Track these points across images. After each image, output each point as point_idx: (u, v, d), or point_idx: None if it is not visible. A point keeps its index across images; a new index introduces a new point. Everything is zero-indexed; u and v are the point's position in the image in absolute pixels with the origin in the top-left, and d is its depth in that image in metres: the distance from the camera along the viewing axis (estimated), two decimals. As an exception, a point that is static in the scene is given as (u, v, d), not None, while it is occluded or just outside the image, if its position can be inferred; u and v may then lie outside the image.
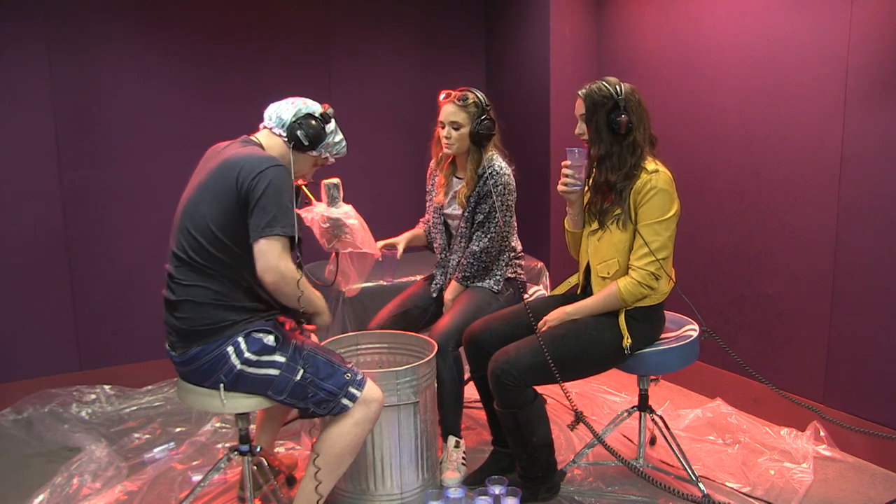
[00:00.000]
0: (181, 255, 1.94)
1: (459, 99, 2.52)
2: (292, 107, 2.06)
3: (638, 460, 2.50)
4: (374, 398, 1.99)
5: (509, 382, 2.16)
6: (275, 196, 1.87)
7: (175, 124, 3.35)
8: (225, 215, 1.90)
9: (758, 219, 2.94)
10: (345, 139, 2.14)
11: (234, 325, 1.94)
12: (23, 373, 3.17)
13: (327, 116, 2.07)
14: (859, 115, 2.53)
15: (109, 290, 3.31)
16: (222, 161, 1.95)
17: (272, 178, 1.88)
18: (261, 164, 1.89)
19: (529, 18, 3.73)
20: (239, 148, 2.01)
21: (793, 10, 2.72)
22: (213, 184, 1.93)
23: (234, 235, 1.91)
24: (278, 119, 2.05)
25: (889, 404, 2.52)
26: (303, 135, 2.01)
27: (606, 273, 2.24)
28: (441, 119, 2.56)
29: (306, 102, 2.08)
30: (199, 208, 1.93)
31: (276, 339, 1.97)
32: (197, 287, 1.93)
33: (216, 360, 1.92)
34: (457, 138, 2.54)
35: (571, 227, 2.39)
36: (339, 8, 3.70)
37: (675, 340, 2.35)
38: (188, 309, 1.93)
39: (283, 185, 1.90)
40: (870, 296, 2.56)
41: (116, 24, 3.21)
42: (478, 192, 2.57)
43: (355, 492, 2.26)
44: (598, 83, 2.19)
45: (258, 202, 1.86)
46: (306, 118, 2.03)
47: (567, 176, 2.21)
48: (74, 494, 2.42)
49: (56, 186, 3.17)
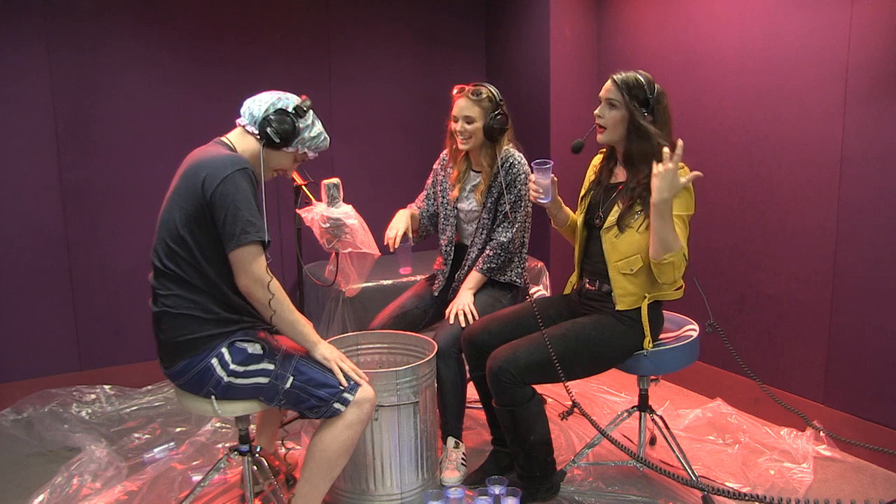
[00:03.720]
0: (157, 265, 1.92)
1: (473, 93, 2.52)
2: (264, 102, 1.98)
3: (638, 460, 2.50)
4: (367, 399, 1.98)
5: (507, 380, 2.16)
6: (243, 201, 1.82)
7: (175, 124, 3.35)
8: (192, 221, 1.86)
9: (758, 219, 2.94)
10: (325, 132, 2.07)
11: (214, 338, 1.91)
12: (23, 373, 3.17)
13: (301, 110, 1.98)
14: (859, 115, 2.53)
15: (109, 290, 3.31)
16: (189, 165, 1.92)
17: (238, 182, 1.83)
18: (225, 169, 1.83)
19: (529, 18, 3.73)
20: (206, 149, 1.96)
21: (793, 9, 2.72)
22: (182, 189, 1.89)
23: (203, 241, 1.88)
24: (250, 116, 1.98)
25: (889, 404, 2.52)
26: (273, 132, 1.94)
27: (629, 270, 2.22)
28: (454, 113, 2.56)
29: (280, 96, 2.00)
30: (172, 215, 1.90)
31: (263, 348, 1.95)
32: (173, 296, 1.90)
33: (203, 374, 1.91)
34: (470, 132, 2.54)
35: (555, 225, 2.47)
36: (339, 8, 3.70)
37: (675, 340, 2.35)
38: (167, 320, 1.91)
39: (250, 189, 1.85)
40: (870, 296, 2.56)
41: (116, 23, 3.21)
42: (499, 184, 2.57)
43: (355, 492, 2.26)
44: (634, 73, 2.21)
45: (228, 210, 1.81)
46: (277, 114, 1.95)
47: (534, 191, 2.27)
48: (74, 494, 2.42)
49: (56, 186, 3.17)
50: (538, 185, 2.27)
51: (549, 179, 2.26)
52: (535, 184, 2.27)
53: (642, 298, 2.23)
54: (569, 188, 2.72)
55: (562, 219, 2.43)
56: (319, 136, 2.06)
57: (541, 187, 2.27)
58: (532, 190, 2.28)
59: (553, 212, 2.40)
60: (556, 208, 2.38)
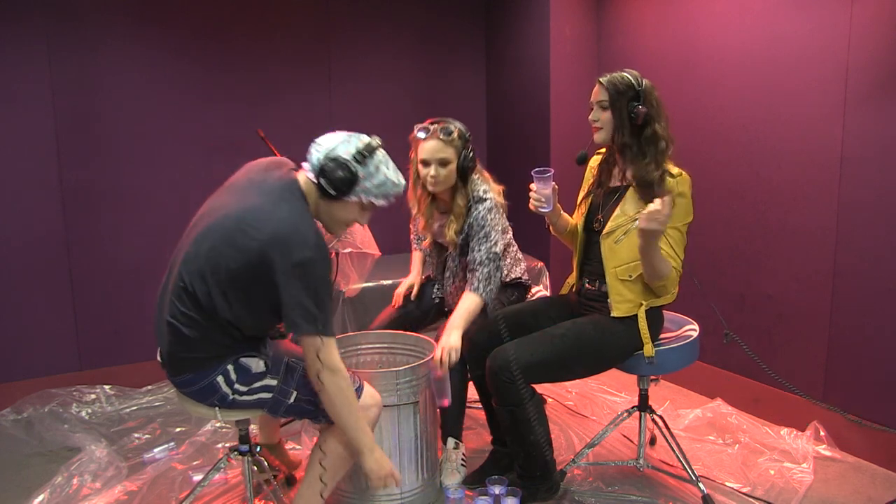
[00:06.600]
0: (184, 284, 1.79)
1: (443, 132, 2.33)
2: (324, 146, 1.79)
3: (638, 460, 2.50)
4: (372, 404, 1.97)
5: (507, 380, 2.16)
6: (311, 292, 1.68)
7: (175, 123, 3.35)
8: (241, 278, 1.74)
9: (758, 219, 2.93)
10: (393, 177, 1.83)
11: (218, 357, 1.85)
12: (23, 373, 3.17)
13: (361, 155, 1.78)
14: (859, 115, 2.53)
15: (109, 290, 3.31)
16: (254, 209, 1.74)
17: (313, 270, 1.68)
18: (298, 251, 1.67)
19: (529, 18, 3.73)
20: (277, 195, 1.77)
21: (793, 9, 2.71)
22: (238, 231, 1.73)
23: (247, 295, 1.76)
24: (310, 161, 1.81)
25: (889, 404, 2.52)
26: (327, 183, 1.76)
27: (628, 276, 2.21)
28: (424, 157, 2.35)
29: (345, 139, 1.80)
30: (217, 245, 1.75)
31: (266, 364, 1.90)
32: (190, 318, 1.78)
33: (207, 389, 1.86)
34: (444, 176, 2.35)
35: (554, 232, 2.46)
36: (339, 8, 3.70)
37: (675, 340, 2.35)
38: (177, 336, 1.81)
39: (325, 273, 1.71)
40: (870, 296, 2.56)
41: (116, 23, 3.21)
42: (470, 223, 2.40)
43: (355, 492, 2.26)
44: (619, 73, 2.21)
45: (293, 297, 1.69)
46: (331, 162, 1.76)
47: (535, 199, 2.26)
48: (74, 494, 2.42)
49: (56, 186, 3.17)
50: (539, 194, 2.25)
51: (550, 188, 2.24)
52: (535, 193, 2.25)
53: (638, 306, 2.22)
54: (568, 192, 2.70)
55: (561, 226, 2.42)
56: (386, 184, 1.82)
57: (542, 196, 2.25)
58: (532, 199, 2.26)
59: (552, 219, 2.38)
60: (555, 216, 2.37)
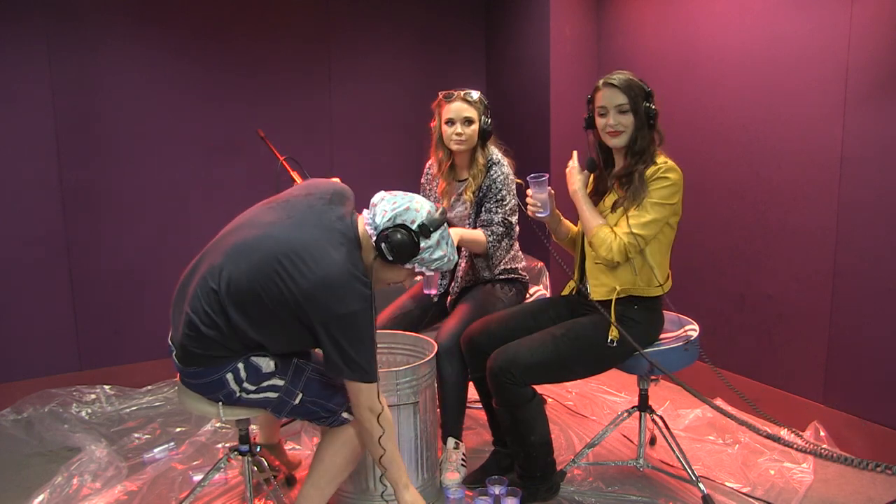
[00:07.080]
0: (217, 286, 1.77)
1: (467, 95, 2.54)
2: (390, 209, 1.78)
3: (638, 460, 2.50)
4: None
5: (508, 380, 2.16)
6: (356, 342, 1.71)
7: (175, 124, 3.35)
8: (279, 315, 1.75)
9: (758, 219, 2.93)
10: (450, 253, 1.84)
11: (230, 356, 1.85)
12: (23, 373, 3.17)
13: (426, 229, 1.77)
14: (859, 115, 2.53)
15: (109, 290, 3.30)
16: (309, 244, 1.73)
17: (355, 321, 1.69)
18: (347, 304, 1.68)
19: (529, 18, 3.73)
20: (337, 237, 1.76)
21: (793, 9, 2.71)
22: (288, 260, 1.72)
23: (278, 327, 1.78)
24: (372, 219, 1.80)
25: (889, 404, 2.52)
26: (387, 249, 1.76)
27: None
28: (450, 117, 2.54)
29: (410, 205, 1.79)
30: (262, 266, 1.74)
31: (276, 364, 1.89)
32: (211, 319, 1.78)
33: (215, 384, 1.86)
34: (469, 135, 2.54)
35: (556, 239, 2.46)
36: (339, 8, 3.70)
37: (675, 340, 2.35)
38: (193, 332, 1.81)
39: (367, 328, 1.73)
40: (870, 296, 2.56)
41: (116, 23, 3.21)
42: (487, 185, 2.56)
43: (355, 492, 2.26)
44: (625, 74, 2.21)
45: (337, 345, 1.72)
46: (396, 229, 1.75)
47: (532, 205, 2.26)
48: (74, 494, 2.42)
49: (56, 186, 3.17)
50: (535, 199, 2.25)
51: (546, 192, 2.24)
52: (532, 198, 2.26)
53: (613, 290, 2.23)
54: (568, 193, 2.69)
55: (562, 232, 2.42)
56: (442, 259, 1.84)
57: (538, 201, 2.25)
58: (530, 205, 2.27)
59: (552, 225, 2.38)
60: (555, 222, 2.37)
